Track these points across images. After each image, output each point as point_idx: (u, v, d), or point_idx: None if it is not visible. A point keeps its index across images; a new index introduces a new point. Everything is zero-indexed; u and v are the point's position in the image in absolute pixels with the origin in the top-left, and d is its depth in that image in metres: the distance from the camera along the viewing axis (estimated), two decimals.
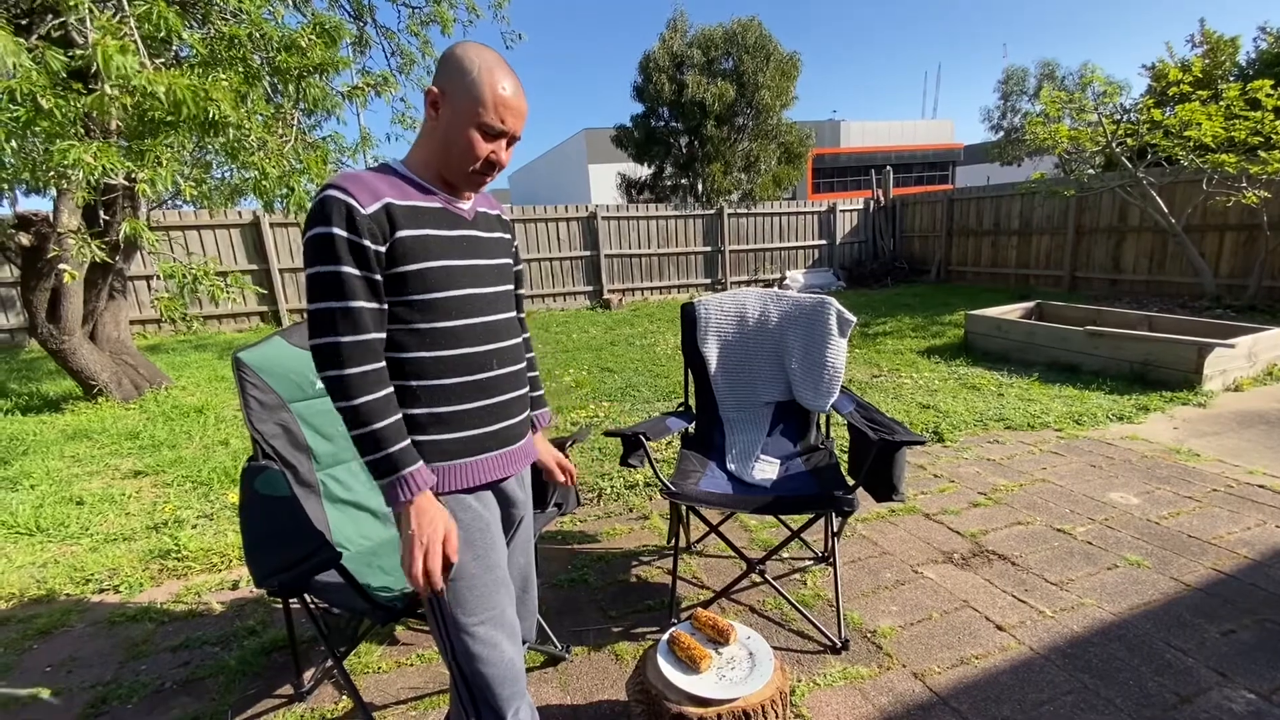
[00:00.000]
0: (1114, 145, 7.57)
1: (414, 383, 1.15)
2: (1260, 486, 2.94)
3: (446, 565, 1.11)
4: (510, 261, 1.32)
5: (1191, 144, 6.89)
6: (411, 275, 1.10)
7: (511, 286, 1.32)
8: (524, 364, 1.33)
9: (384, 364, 1.11)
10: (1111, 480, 3.10)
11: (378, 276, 1.08)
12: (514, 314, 1.32)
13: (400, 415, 1.11)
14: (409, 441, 1.10)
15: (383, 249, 1.08)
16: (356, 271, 1.05)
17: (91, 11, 2.68)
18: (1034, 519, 2.75)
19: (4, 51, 2.32)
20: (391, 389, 1.11)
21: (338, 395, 1.07)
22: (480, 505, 1.23)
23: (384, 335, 1.11)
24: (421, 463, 1.11)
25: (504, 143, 1.15)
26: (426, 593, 1.12)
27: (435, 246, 1.13)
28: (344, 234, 1.04)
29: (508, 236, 1.34)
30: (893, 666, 1.88)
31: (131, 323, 7.24)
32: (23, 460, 3.83)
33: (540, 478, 1.58)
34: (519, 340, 1.31)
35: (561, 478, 1.54)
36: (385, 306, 1.11)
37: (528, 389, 1.35)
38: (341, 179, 1.08)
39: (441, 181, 1.19)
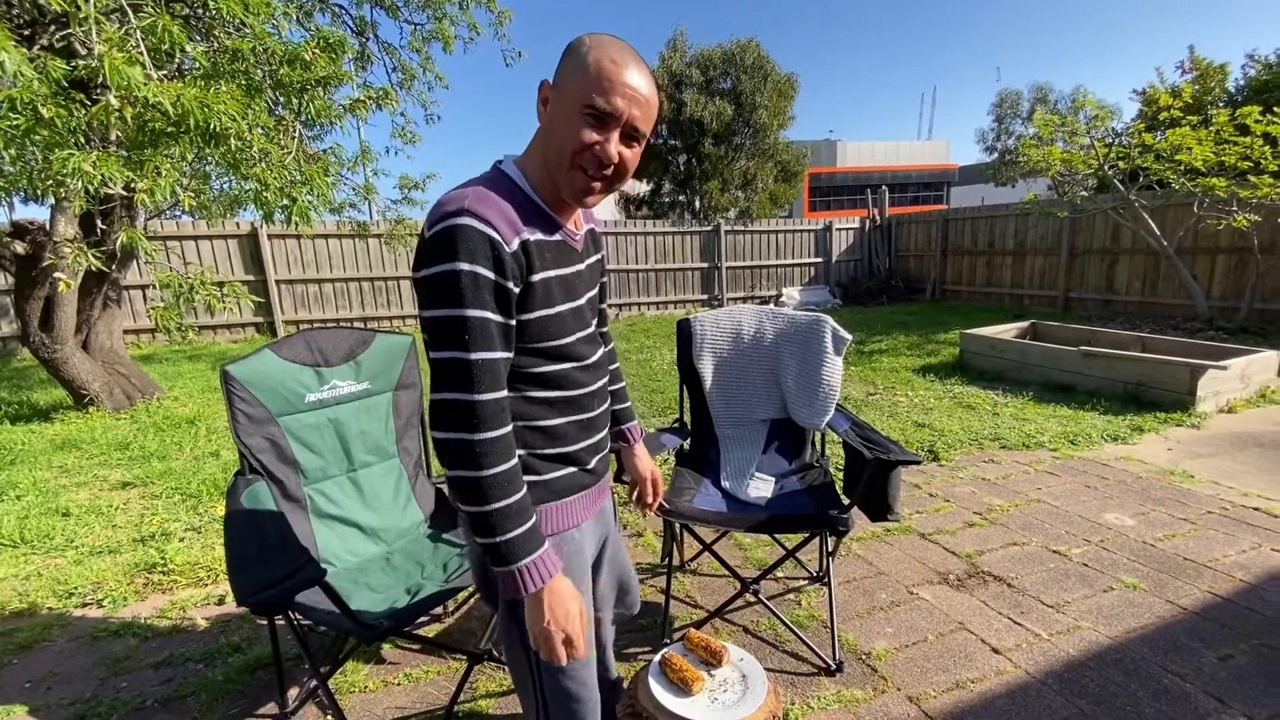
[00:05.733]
0: (1106, 168, 7.68)
1: (522, 424, 1.05)
2: (1255, 509, 2.94)
3: (570, 647, 1.02)
4: (597, 289, 1.21)
5: (1182, 167, 6.98)
6: (534, 322, 1.00)
7: (596, 320, 1.20)
8: (610, 397, 1.26)
9: (512, 426, 0.98)
10: (1106, 501, 3.10)
11: (513, 323, 0.97)
12: (602, 346, 1.22)
13: (526, 486, 0.99)
14: (536, 519, 0.98)
15: (517, 291, 0.96)
16: (499, 318, 0.93)
17: (99, 23, 2.69)
18: (1029, 540, 2.74)
19: (12, 62, 2.32)
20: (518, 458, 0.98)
21: (464, 463, 0.92)
22: (582, 537, 1.17)
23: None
24: (548, 543, 1.00)
25: (617, 134, 0.96)
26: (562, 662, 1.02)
27: (557, 290, 1.02)
28: (490, 275, 0.91)
29: (600, 257, 1.23)
30: (888, 690, 1.86)
31: (125, 332, 7.22)
32: (9, 470, 3.78)
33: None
34: (608, 376, 1.23)
35: (650, 496, 1.47)
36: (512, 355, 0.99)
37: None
38: (473, 202, 0.92)
39: (555, 199, 1.03)
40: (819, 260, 12.57)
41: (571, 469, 1.13)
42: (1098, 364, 4.94)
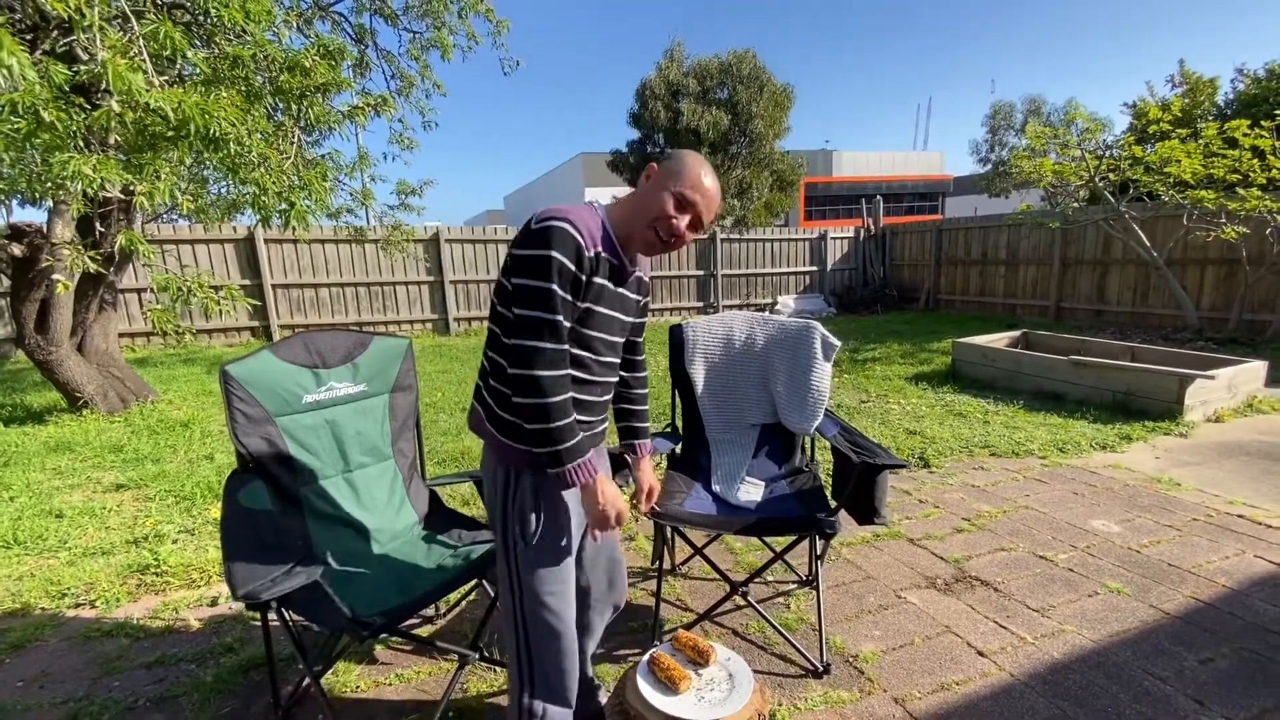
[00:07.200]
0: (1097, 180, 7.77)
1: None
2: (1239, 516, 2.98)
3: (619, 519, 1.37)
4: (634, 319, 1.55)
5: (1172, 180, 7.09)
6: (584, 311, 1.33)
7: (623, 339, 1.54)
8: (611, 395, 1.57)
9: (569, 373, 1.32)
10: (1094, 508, 3.13)
11: (575, 303, 1.30)
12: (615, 356, 1.51)
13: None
14: (582, 437, 1.32)
15: (584, 281, 1.30)
16: (567, 295, 1.27)
17: (102, 29, 2.73)
18: (1017, 545, 2.77)
19: (18, 66, 2.35)
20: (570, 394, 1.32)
21: (530, 392, 1.25)
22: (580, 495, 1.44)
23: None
24: (592, 452, 1.34)
25: (688, 219, 1.36)
26: (614, 537, 1.40)
27: (605, 296, 1.37)
28: (570, 264, 1.25)
29: (645, 301, 1.58)
30: (874, 691, 1.88)
31: (121, 335, 7.21)
32: (3, 472, 3.78)
33: None
34: (615, 379, 1.55)
35: (645, 507, 1.75)
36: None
37: (608, 415, 1.60)
38: (573, 216, 1.27)
39: (627, 240, 1.39)
40: (814, 269, 12.65)
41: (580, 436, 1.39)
42: (1088, 373, 5.00)
